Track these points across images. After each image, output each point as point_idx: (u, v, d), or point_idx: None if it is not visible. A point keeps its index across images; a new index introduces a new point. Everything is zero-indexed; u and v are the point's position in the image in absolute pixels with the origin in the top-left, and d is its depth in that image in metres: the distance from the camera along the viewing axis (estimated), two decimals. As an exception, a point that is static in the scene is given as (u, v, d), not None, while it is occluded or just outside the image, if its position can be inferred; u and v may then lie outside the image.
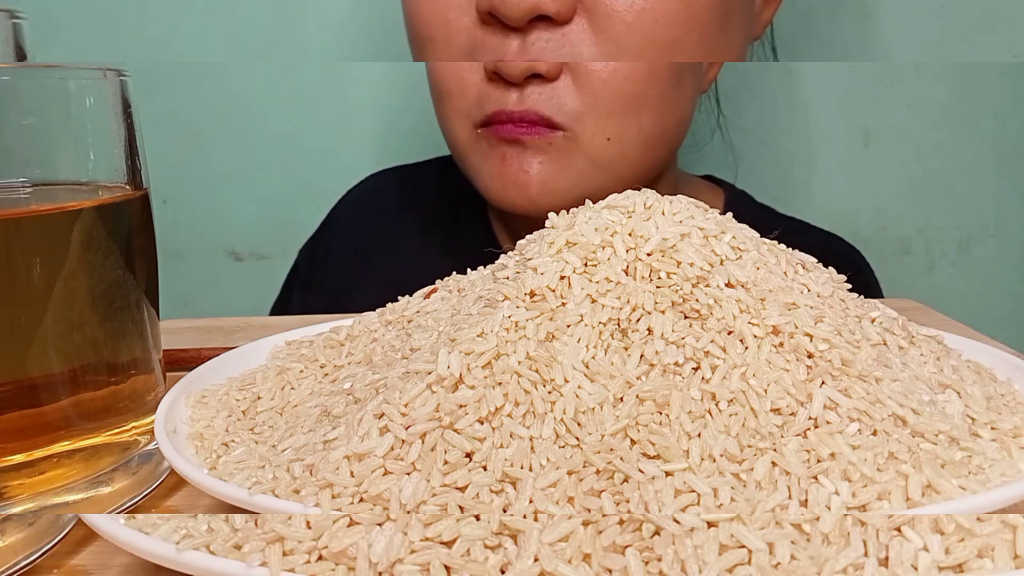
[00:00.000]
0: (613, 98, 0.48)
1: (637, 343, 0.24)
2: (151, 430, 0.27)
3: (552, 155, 0.49)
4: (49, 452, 0.27)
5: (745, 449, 0.21)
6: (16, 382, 0.27)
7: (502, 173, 0.50)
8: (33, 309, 0.27)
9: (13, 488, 0.26)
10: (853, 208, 0.78)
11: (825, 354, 0.24)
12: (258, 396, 0.29)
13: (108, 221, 0.29)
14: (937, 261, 0.80)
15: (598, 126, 0.49)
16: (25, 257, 0.27)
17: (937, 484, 0.20)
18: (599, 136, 0.49)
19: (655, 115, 0.50)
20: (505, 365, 0.23)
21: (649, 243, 0.27)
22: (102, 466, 0.29)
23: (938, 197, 0.79)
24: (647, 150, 0.51)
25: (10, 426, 0.27)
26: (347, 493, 0.21)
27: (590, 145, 0.49)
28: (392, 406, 0.23)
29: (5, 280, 0.27)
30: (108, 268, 0.29)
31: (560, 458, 0.21)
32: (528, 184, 0.49)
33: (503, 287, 0.27)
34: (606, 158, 0.50)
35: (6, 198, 0.28)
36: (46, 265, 0.27)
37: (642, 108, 0.49)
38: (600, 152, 0.49)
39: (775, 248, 0.29)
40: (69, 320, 0.28)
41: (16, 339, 0.27)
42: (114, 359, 0.30)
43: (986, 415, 0.24)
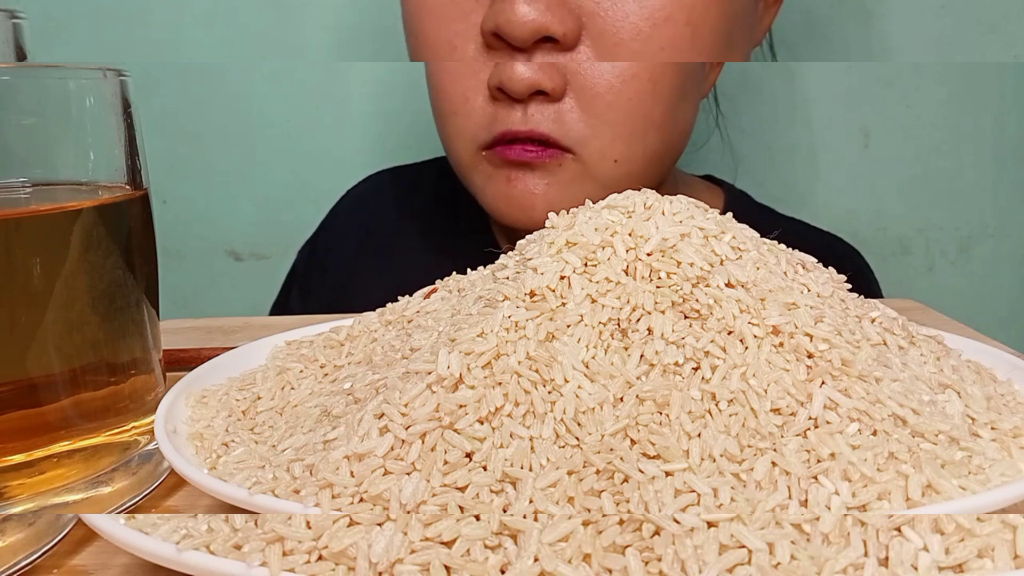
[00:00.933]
0: (619, 120, 0.48)
1: (637, 343, 0.24)
2: (151, 430, 0.27)
3: (560, 177, 0.49)
4: (49, 452, 0.27)
5: (745, 449, 0.21)
6: (16, 382, 0.27)
7: (508, 194, 0.50)
8: (33, 309, 0.27)
9: (13, 488, 0.26)
10: (853, 208, 0.79)
11: (825, 354, 0.24)
12: (258, 396, 0.29)
13: (108, 221, 0.29)
14: (937, 261, 0.80)
15: (605, 149, 0.49)
16: (25, 257, 0.27)
17: (937, 484, 0.20)
18: (607, 159, 0.49)
19: (660, 133, 0.50)
20: (505, 365, 0.23)
21: (649, 243, 0.27)
22: (102, 466, 0.29)
23: (938, 197, 0.79)
24: (653, 166, 0.51)
25: (10, 426, 0.27)
26: (347, 493, 0.21)
27: (597, 168, 0.49)
28: (392, 406, 0.23)
29: (5, 280, 0.27)
30: (108, 268, 0.29)
31: (560, 458, 0.21)
32: (534, 206, 0.49)
33: (503, 287, 0.27)
34: (613, 179, 0.49)
35: (6, 198, 0.28)
36: (46, 265, 0.27)
37: (647, 128, 0.49)
38: (608, 174, 0.49)
39: (775, 248, 0.29)
40: (69, 320, 0.28)
41: (16, 339, 0.27)
42: (114, 359, 0.30)
43: (986, 415, 0.24)
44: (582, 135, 0.48)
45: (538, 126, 0.48)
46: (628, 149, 0.49)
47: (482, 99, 0.50)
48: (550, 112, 0.48)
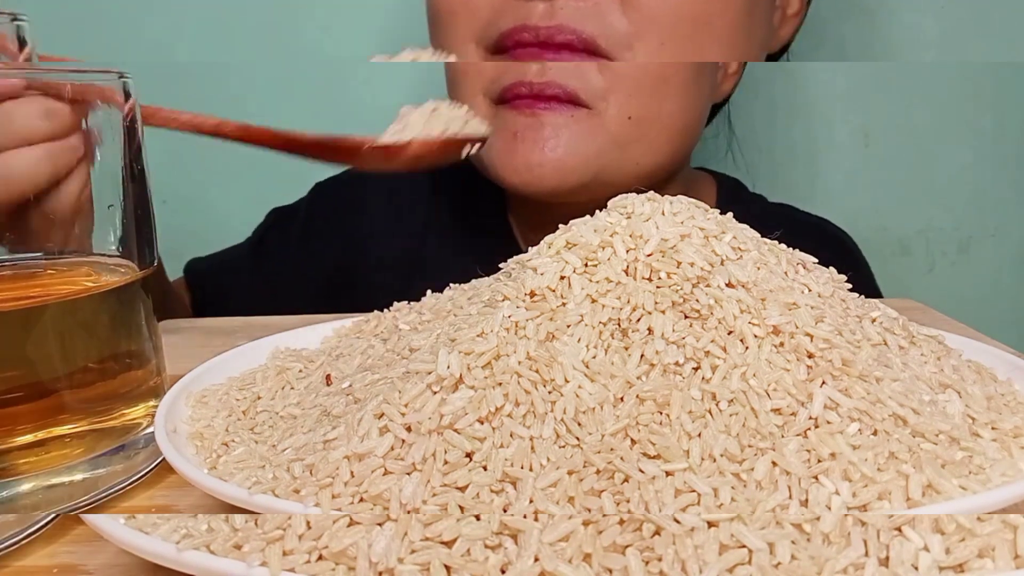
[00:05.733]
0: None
1: (637, 343, 0.24)
2: (151, 413, 0.28)
3: (573, 130, 0.47)
4: (55, 433, 0.28)
5: (745, 449, 0.21)
6: (26, 373, 0.28)
7: (512, 151, 0.48)
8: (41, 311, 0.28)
9: (20, 466, 0.28)
10: (853, 208, 0.78)
11: (825, 354, 0.24)
12: (258, 396, 0.30)
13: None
14: (937, 261, 0.80)
15: (622, 103, 0.47)
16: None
17: (937, 484, 0.20)
18: (622, 114, 0.47)
19: (676, 103, 0.49)
20: (505, 365, 0.23)
21: (649, 243, 0.27)
22: (103, 448, 0.30)
23: (938, 197, 0.79)
24: (665, 139, 0.50)
25: (23, 410, 0.28)
26: (347, 493, 0.21)
27: (612, 122, 0.48)
28: (392, 406, 0.23)
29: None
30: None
31: (560, 458, 0.21)
32: (542, 163, 0.47)
33: (503, 287, 0.27)
34: (627, 137, 0.48)
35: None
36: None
37: (664, 92, 0.48)
38: (621, 129, 0.48)
39: (776, 248, 0.29)
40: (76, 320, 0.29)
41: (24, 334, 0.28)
42: (117, 350, 0.31)
43: (986, 415, 0.24)
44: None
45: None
46: (644, 107, 0.48)
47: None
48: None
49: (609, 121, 0.48)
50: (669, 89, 0.48)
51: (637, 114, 0.48)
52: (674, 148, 0.52)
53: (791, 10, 0.56)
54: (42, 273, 0.30)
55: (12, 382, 0.27)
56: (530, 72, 0.46)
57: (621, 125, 0.48)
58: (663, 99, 0.48)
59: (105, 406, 0.30)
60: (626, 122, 0.48)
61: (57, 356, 0.28)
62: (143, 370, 0.31)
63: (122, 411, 0.30)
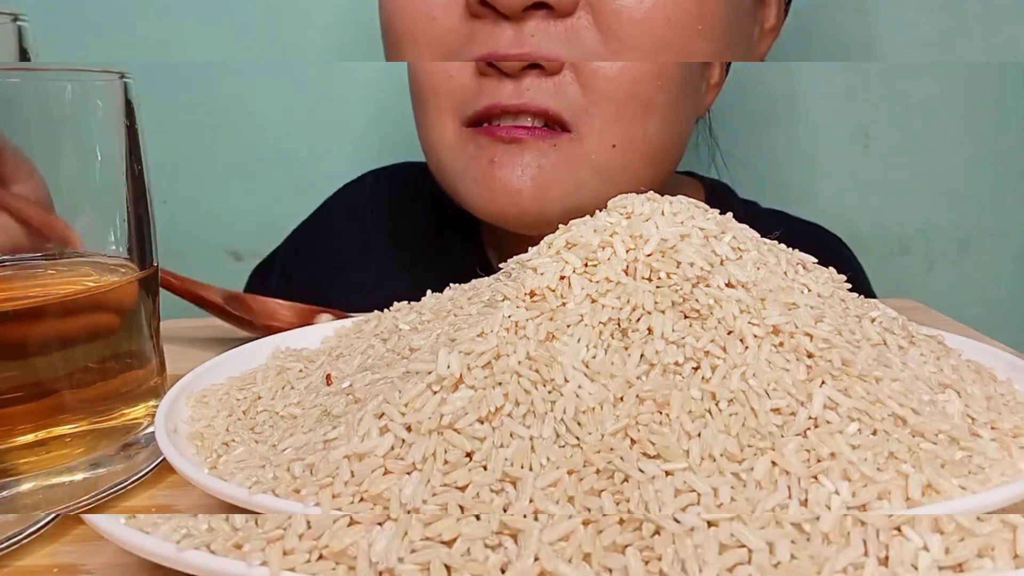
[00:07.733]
0: (621, 100, 0.44)
1: (637, 343, 0.24)
2: (151, 413, 0.28)
3: (552, 159, 0.45)
4: (56, 433, 0.28)
5: (745, 449, 0.21)
6: (27, 373, 0.28)
7: (489, 178, 0.45)
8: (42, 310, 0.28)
9: (21, 466, 0.28)
10: (853, 208, 0.78)
11: (825, 354, 0.24)
12: (258, 396, 0.30)
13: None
14: (937, 261, 0.80)
15: (605, 129, 0.45)
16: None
17: (937, 484, 0.20)
18: (605, 141, 0.45)
19: (661, 125, 0.46)
20: (505, 365, 0.23)
21: (649, 244, 0.27)
22: (102, 448, 0.30)
23: (938, 197, 0.79)
24: (651, 163, 0.48)
25: (23, 410, 0.28)
26: (347, 493, 0.21)
27: (595, 150, 0.45)
28: (392, 406, 0.23)
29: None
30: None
31: (560, 458, 0.21)
32: (520, 191, 0.44)
33: (503, 287, 0.27)
34: (609, 166, 0.46)
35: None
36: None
37: (649, 115, 0.45)
38: (604, 158, 0.45)
39: (775, 248, 0.29)
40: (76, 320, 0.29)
41: (24, 334, 0.28)
42: (117, 349, 0.31)
43: (986, 415, 0.24)
44: (582, 107, 0.44)
45: (533, 100, 0.44)
46: (628, 134, 0.45)
47: (467, 75, 0.45)
48: (549, 86, 0.44)
49: (591, 149, 0.45)
50: (655, 112, 0.46)
51: (621, 140, 0.45)
52: (658, 173, 0.49)
53: (768, 24, 0.54)
54: (42, 273, 0.30)
55: (12, 382, 0.27)
56: (505, 94, 0.44)
57: (604, 153, 0.45)
58: (648, 122, 0.46)
59: (105, 406, 0.30)
60: (610, 150, 0.45)
61: (57, 356, 0.28)
62: (143, 370, 0.32)
63: (122, 411, 0.30)
